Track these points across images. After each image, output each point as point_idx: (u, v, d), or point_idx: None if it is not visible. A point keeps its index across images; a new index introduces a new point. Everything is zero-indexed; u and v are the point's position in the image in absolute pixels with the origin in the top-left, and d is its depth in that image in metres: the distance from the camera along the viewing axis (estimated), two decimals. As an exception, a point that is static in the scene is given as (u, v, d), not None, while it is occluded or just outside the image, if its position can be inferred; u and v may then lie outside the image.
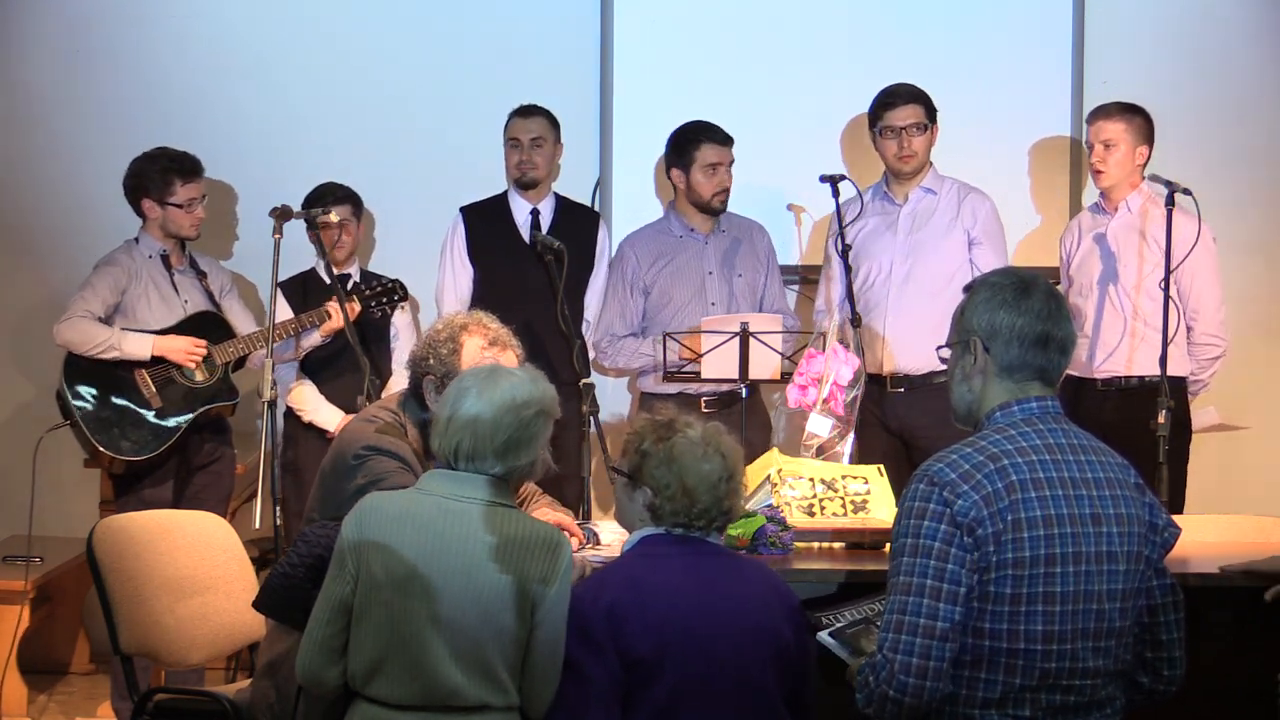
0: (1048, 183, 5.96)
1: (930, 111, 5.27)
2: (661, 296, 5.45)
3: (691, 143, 5.40)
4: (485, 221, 5.58)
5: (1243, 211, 5.88)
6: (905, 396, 5.20)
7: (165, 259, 5.37)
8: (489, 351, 3.86)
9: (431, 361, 3.87)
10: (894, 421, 5.23)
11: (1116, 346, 5.14)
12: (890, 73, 5.47)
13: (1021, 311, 2.95)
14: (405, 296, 5.44)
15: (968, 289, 3.04)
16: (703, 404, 5.29)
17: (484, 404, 3.19)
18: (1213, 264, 5.15)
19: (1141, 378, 5.09)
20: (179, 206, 5.31)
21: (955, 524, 2.80)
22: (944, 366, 3.10)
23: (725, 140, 5.41)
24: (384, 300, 5.39)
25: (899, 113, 5.24)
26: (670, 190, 5.62)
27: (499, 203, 5.61)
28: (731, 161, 5.41)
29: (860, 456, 4.75)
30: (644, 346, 5.40)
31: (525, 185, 5.54)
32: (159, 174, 5.30)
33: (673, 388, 5.31)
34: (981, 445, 2.89)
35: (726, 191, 5.42)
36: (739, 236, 5.52)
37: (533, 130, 5.52)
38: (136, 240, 5.38)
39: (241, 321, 5.45)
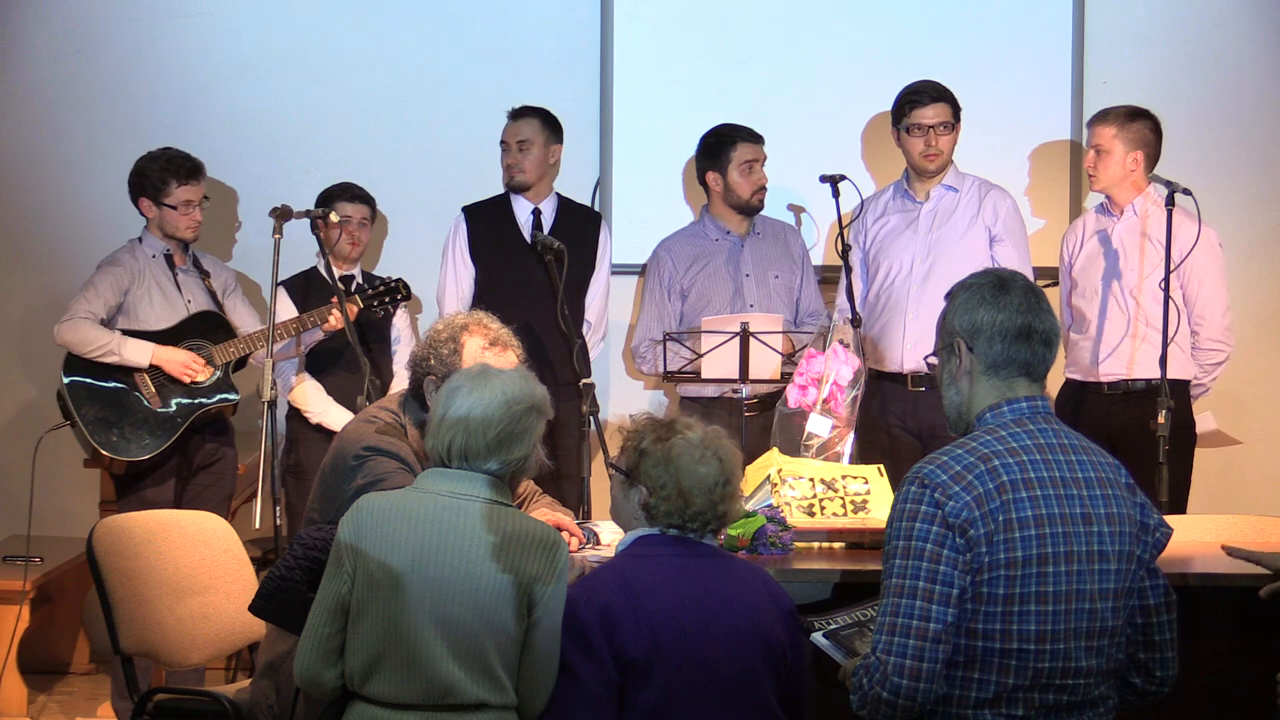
0: (1048, 183, 5.96)
1: (956, 110, 5.27)
2: (700, 299, 5.46)
3: (726, 143, 5.43)
4: (487, 221, 5.58)
5: (1243, 212, 5.88)
6: (927, 395, 5.17)
7: (169, 258, 5.38)
8: (489, 351, 3.86)
9: (432, 362, 3.87)
10: (913, 420, 5.21)
11: (1121, 349, 5.13)
12: (889, 73, 5.47)
13: (1000, 307, 2.96)
14: (408, 295, 5.44)
15: (948, 296, 3.05)
16: (745, 409, 5.25)
17: (474, 401, 3.19)
18: (1219, 268, 5.14)
19: (1148, 380, 5.08)
20: (174, 208, 5.31)
21: (947, 525, 2.81)
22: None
23: (758, 139, 5.46)
24: (386, 299, 5.39)
25: (926, 111, 5.23)
26: (675, 192, 5.62)
27: (501, 202, 5.61)
28: (765, 159, 5.44)
29: (878, 456, 4.75)
30: (684, 352, 5.39)
31: (514, 189, 5.54)
32: (157, 174, 5.31)
33: (713, 390, 5.30)
34: (972, 446, 2.89)
35: (764, 189, 5.46)
36: (773, 238, 5.53)
37: (521, 133, 5.50)
38: (140, 240, 5.39)
39: (246, 320, 5.45)
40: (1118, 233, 5.19)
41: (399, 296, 5.40)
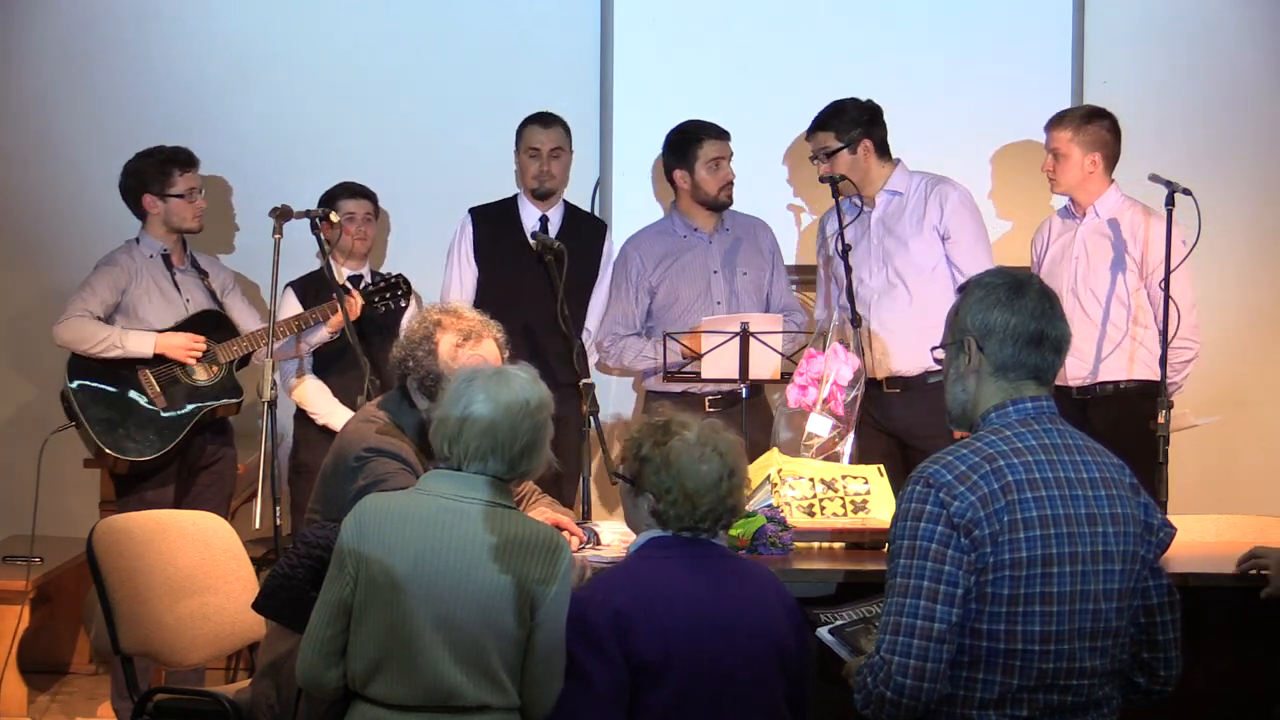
0: (1046, 183, 5.94)
1: (843, 132, 5.17)
2: (668, 296, 5.46)
3: (692, 141, 5.42)
4: (493, 224, 5.59)
5: (1242, 211, 5.88)
6: (901, 397, 5.18)
7: (166, 258, 5.37)
8: (464, 347, 3.85)
9: (410, 364, 3.87)
10: (889, 423, 5.20)
11: (1088, 352, 5.11)
12: (889, 73, 5.48)
13: (1015, 311, 2.95)
14: (409, 292, 5.44)
15: (961, 289, 3.05)
16: (707, 403, 5.29)
17: (499, 410, 3.18)
18: (1185, 267, 5.12)
19: (1116, 383, 5.08)
20: (180, 197, 5.31)
21: (952, 525, 2.81)
22: (937, 366, 3.11)
23: (724, 135, 5.44)
24: (387, 295, 5.38)
25: (810, 143, 5.25)
26: (669, 193, 5.63)
27: (509, 207, 5.62)
28: (731, 155, 5.43)
29: (859, 458, 4.75)
30: (647, 348, 5.41)
31: (543, 195, 5.55)
32: (156, 168, 5.31)
33: (677, 387, 5.32)
34: (977, 446, 2.89)
35: (731, 185, 5.44)
36: (743, 235, 5.52)
37: (554, 140, 5.52)
38: (137, 240, 5.39)
39: (246, 319, 5.45)
40: (1081, 236, 5.18)
41: (400, 293, 5.40)
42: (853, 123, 5.20)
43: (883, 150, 5.25)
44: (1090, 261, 5.14)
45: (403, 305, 5.45)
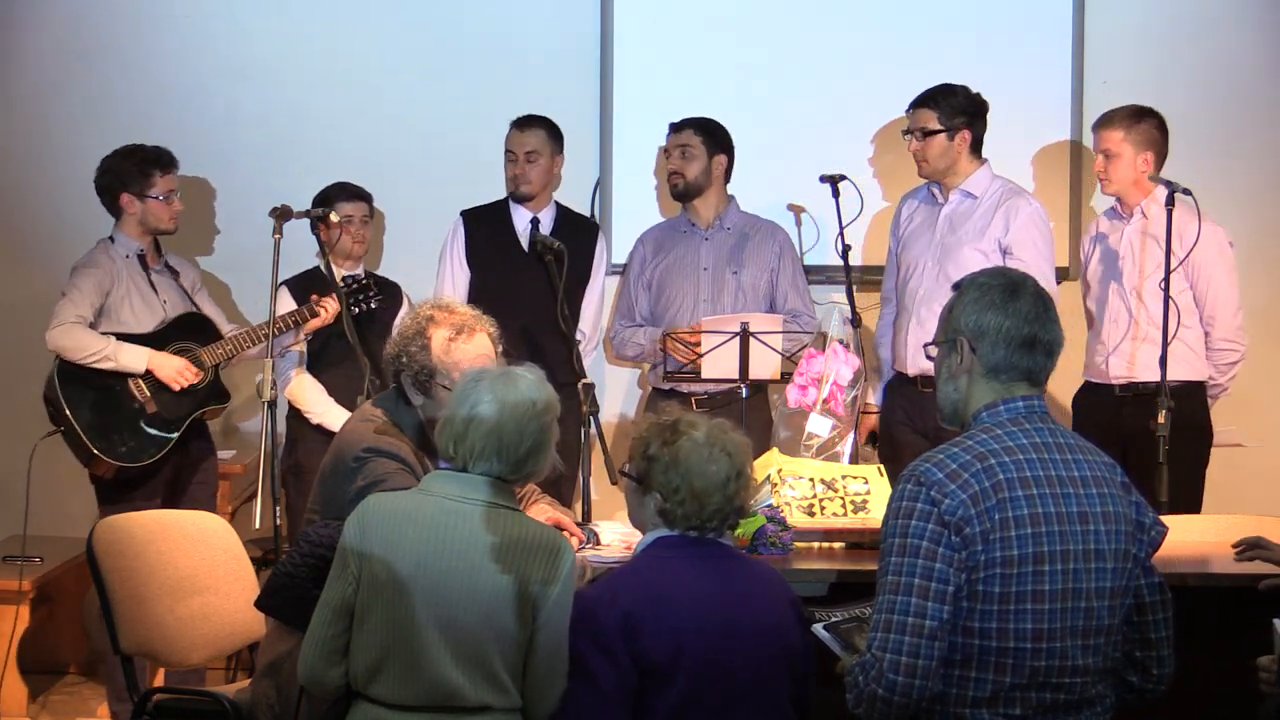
0: (1048, 184, 5.95)
1: (946, 114, 5.14)
2: (659, 290, 5.52)
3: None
4: (485, 226, 5.60)
5: (1242, 211, 5.86)
6: (935, 396, 5.15)
7: (142, 258, 5.33)
8: (456, 341, 3.85)
9: (404, 360, 3.87)
10: (922, 422, 5.19)
11: (1128, 350, 5.12)
12: (889, 73, 5.48)
13: (1009, 314, 2.95)
14: (381, 291, 5.42)
15: (956, 287, 3.05)
16: (694, 403, 5.29)
17: (505, 410, 3.19)
18: (1228, 267, 5.11)
19: (1157, 382, 5.08)
20: (158, 199, 5.29)
21: (943, 523, 2.81)
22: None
23: (672, 128, 5.50)
24: (360, 296, 5.37)
25: (910, 118, 5.21)
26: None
27: (500, 209, 5.62)
28: (684, 146, 5.46)
29: (891, 454, 4.74)
30: (637, 335, 5.45)
31: (518, 199, 5.55)
32: (136, 168, 5.28)
33: (669, 384, 5.34)
34: (968, 445, 2.90)
35: (677, 174, 5.49)
36: (747, 234, 5.52)
37: (528, 144, 5.52)
38: (112, 240, 5.35)
39: (215, 320, 5.43)
40: (1126, 235, 5.18)
41: (372, 294, 5.38)
42: (959, 110, 5.17)
43: (976, 147, 5.22)
44: (1133, 261, 5.14)
45: (374, 305, 5.43)
